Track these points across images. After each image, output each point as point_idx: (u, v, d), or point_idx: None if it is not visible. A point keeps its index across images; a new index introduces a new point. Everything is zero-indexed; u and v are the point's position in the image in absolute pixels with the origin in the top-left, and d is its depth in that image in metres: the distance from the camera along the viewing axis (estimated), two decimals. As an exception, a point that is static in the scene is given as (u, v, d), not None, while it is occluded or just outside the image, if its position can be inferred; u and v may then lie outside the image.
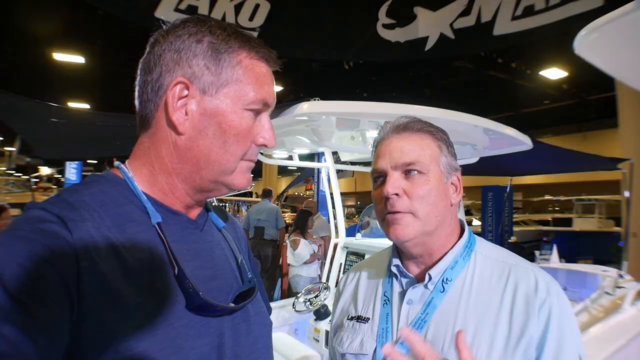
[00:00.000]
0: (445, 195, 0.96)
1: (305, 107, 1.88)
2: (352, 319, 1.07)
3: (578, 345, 0.88)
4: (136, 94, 0.77)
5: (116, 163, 0.79)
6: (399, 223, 0.93)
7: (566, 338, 0.85)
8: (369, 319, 1.03)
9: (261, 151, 2.83)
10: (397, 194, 0.93)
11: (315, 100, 1.96)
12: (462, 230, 1.03)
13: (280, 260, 7.07)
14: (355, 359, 1.01)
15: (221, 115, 0.73)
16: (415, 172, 0.94)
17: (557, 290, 0.90)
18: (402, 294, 0.99)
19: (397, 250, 1.03)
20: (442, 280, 0.95)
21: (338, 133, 2.35)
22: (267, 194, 7.60)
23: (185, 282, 0.69)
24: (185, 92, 0.72)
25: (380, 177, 0.99)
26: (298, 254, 5.73)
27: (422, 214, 0.92)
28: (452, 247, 0.98)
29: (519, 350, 0.84)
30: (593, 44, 1.05)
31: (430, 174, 0.94)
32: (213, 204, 0.95)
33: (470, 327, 0.88)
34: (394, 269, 1.01)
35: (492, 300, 0.90)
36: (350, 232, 3.42)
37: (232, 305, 0.77)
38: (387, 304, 1.01)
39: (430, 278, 0.95)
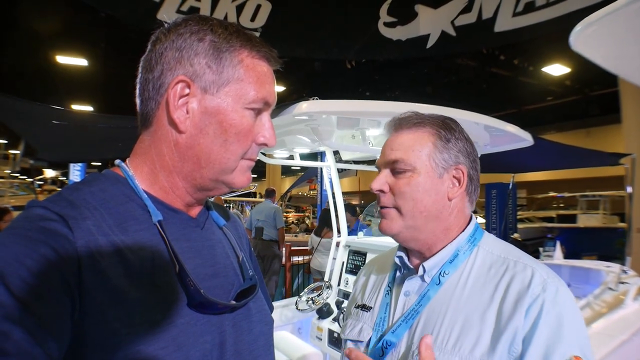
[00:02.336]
0: (436, 191, 0.95)
1: (304, 106, 1.88)
2: (358, 307, 1.11)
3: (579, 344, 0.82)
4: (137, 92, 0.77)
5: (117, 161, 0.78)
6: (385, 218, 0.97)
7: (561, 336, 0.81)
8: (371, 307, 1.06)
9: (262, 151, 2.85)
10: (382, 190, 0.96)
11: (314, 99, 1.96)
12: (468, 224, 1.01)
13: (283, 260, 7.10)
14: (353, 344, 1.04)
15: (222, 114, 0.73)
16: (399, 169, 0.95)
17: (555, 287, 0.86)
18: (401, 286, 1.01)
19: None
20: (440, 273, 0.95)
21: (338, 132, 2.36)
22: (269, 194, 7.61)
23: (186, 280, 0.70)
24: (187, 91, 0.73)
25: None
26: None
27: (406, 209, 0.94)
28: (452, 241, 0.97)
29: (502, 345, 0.82)
30: (589, 39, 1.05)
31: (417, 171, 0.94)
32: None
33: (459, 322, 0.88)
34: (396, 260, 1.03)
35: (483, 295, 0.89)
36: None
37: (234, 302, 0.77)
38: (388, 294, 1.03)
39: (424, 270, 0.96)
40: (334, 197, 3.27)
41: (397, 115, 1.03)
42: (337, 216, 3.29)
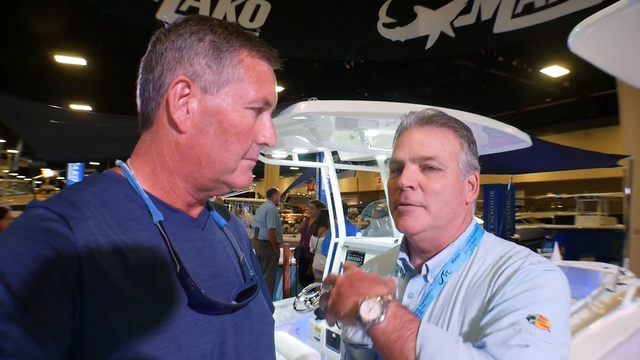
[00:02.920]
0: (460, 193, 0.96)
1: (302, 107, 1.89)
2: None
3: (552, 312, 0.78)
4: (138, 92, 0.77)
5: (117, 162, 0.79)
6: (409, 215, 0.94)
7: (534, 296, 0.80)
8: None
9: (261, 151, 2.85)
10: (411, 187, 0.93)
11: (313, 100, 1.97)
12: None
13: (281, 260, 7.13)
14: (357, 349, 1.02)
15: (222, 114, 0.73)
16: (433, 167, 0.93)
17: (549, 267, 0.86)
18: (404, 288, 1.00)
19: (407, 245, 1.04)
20: (442, 272, 0.95)
21: (336, 132, 2.37)
22: (268, 193, 7.65)
23: (187, 280, 0.70)
24: (187, 91, 0.73)
25: (397, 167, 0.98)
26: None
27: (435, 209, 0.93)
28: (454, 241, 0.97)
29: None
30: (588, 41, 1.05)
31: (448, 171, 0.94)
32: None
33: (463, 320, 0.88)
34: (399, 262, 1.02)
35: (482, 291, 0.89)
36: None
37: (234, 303, 0.77)
38: None
39: (427, 269, 0.96)
40: (332, 198, 3.27)
41: (420, 110, 1.01)
42: (335, 216, 3.30)
